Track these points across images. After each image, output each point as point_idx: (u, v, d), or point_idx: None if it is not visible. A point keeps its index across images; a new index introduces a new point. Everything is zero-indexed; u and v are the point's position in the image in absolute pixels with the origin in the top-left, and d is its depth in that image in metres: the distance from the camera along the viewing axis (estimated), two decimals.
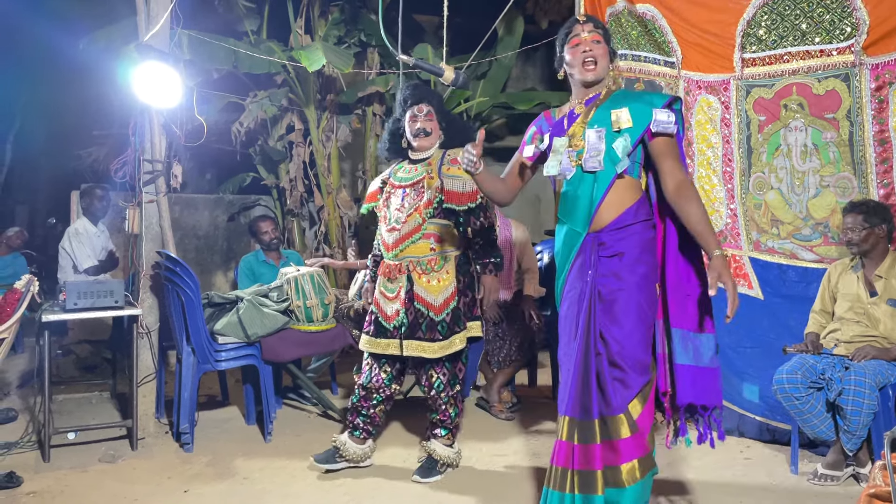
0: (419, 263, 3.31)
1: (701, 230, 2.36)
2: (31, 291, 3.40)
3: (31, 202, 10.56)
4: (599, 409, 2.35)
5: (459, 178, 3.31)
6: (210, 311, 4.12)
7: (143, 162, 4.15)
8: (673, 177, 2.43)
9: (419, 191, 3.34)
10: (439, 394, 3.36)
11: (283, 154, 6.96)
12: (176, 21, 4.20)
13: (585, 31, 2.49)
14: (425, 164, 3.40)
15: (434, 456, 3.40)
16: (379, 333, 3.36)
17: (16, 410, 4.42)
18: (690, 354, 2.45)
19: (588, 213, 2.46)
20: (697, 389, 2.44)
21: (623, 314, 2.39)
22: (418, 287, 3.29)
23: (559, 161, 2.49)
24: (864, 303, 3.35)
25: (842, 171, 3.57)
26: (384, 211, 3.43)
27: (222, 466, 3.61)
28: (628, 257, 2.42)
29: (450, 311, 3.30)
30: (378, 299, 3.40)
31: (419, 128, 3.35)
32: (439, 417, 3.41)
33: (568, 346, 2.48)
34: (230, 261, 7.62)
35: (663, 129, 2.42)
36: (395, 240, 3.33)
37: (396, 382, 3.46)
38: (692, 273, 2.51)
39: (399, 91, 3.48)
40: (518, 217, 5.40)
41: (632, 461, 2.35)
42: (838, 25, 3.48)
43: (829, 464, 3.27)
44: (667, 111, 2.43)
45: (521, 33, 7.40)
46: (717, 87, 3.91)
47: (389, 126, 3.50)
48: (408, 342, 3.29)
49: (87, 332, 5.39)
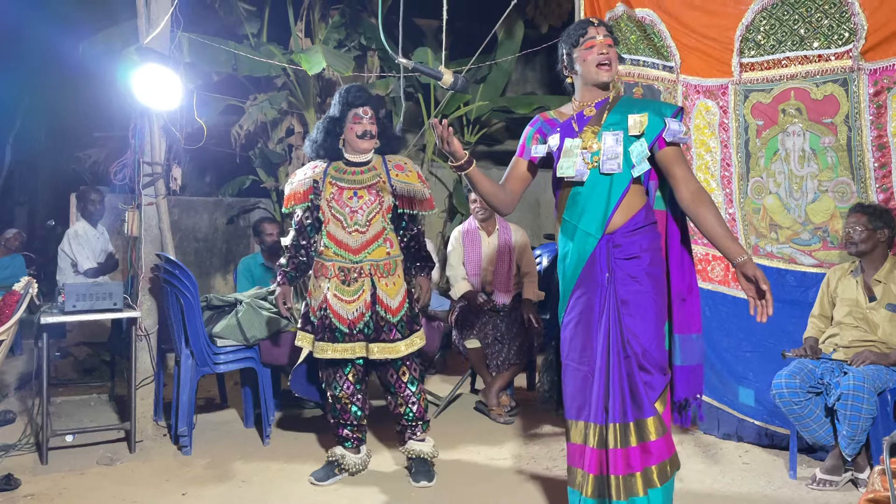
0: (378, 267, 3.32)
1: (721, 234, 2.40)
2: (31, 293, 3.40)
3: (30, 203, 10.57)
4: (633, 413, 2.40)
5: (412, 184, 3.40)
6: (209, 314, 4.12)
7: (143, 164, 4.15)
8: (688, 184, 2.47)
9: (376, 195, 3.33)
10: (411, 390, 3.38)
11: (283, 157, 6.97)
12: (176, 24, 4.21)
13: (600, 34, 2.51)
14: (370, 168, 3.39)
15: (423, 456, 3.42)
16: (336, 338, 3.30)
17: (14, 412, 4.42)
18: (687, 356, 2.57)
19: (604, 215, 2.47)
20: (690, 385, 2.58)
21: (643, 317, 2.43)
22: (380, 290, 3.30)
23: (574, 163, 2.49)
24: (863, 307, 3.36)
25: (840, 175, 3.57)
26: (333, 211, 3.33)
27: (221, 469, 3.61)
28: (644, 259, 2.46)
29: (405, 311, 3.34)
30: (331, 303, 3.30)
31: (366, 129, 3.34)
32: (414, 414, 3.41)
33: (583, 352, 2.48)
34: (229, 263, 7.62)
35: (677, 139, 2.47)
36: (361, 243, 3.30)
37: (364, 383, 3.45)
38: (686, 278, 2.59)
39: (339, 92, 3.43)
40: (517, 221, 5.41)
41: (663, 461, 2.42)
42: (836, 30, 3.49)
43: (828, 469, 3.27)
44: (678, 121, 2.48)
45: (521, 37, 7.43)
46: (715, 91, 3.91)
47: (324, 125, 3.41)
48: (373, 345, 3.30)
49: (85, 334, 5.39)
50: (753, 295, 2.34)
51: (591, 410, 2.44)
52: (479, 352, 4.50)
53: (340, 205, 3.33)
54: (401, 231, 3.44)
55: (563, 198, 2.59)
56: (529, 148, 2.65)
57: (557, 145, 2.56)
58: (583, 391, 2.47)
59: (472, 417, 4.50)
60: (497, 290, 4.60)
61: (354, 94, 3.37)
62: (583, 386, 2.47)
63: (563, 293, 2.58)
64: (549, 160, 2.62)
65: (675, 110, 2.52)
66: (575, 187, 2.53)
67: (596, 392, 2.44)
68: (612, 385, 2.41)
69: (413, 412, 3.41)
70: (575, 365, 2.50)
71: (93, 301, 3.70)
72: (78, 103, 8.34)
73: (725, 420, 3.90)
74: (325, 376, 3.43)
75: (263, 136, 7.03)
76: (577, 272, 2.52)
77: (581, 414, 2.48)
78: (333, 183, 3.36)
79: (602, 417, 2.42)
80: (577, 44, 2.54)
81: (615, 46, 2.55)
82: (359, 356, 3.33)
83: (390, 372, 3.37)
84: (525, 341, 4.47)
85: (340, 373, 3.38)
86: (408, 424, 3.44)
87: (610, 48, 2.52)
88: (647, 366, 2.42)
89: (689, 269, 2.60)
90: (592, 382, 2.44)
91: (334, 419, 3.46)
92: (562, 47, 2.61)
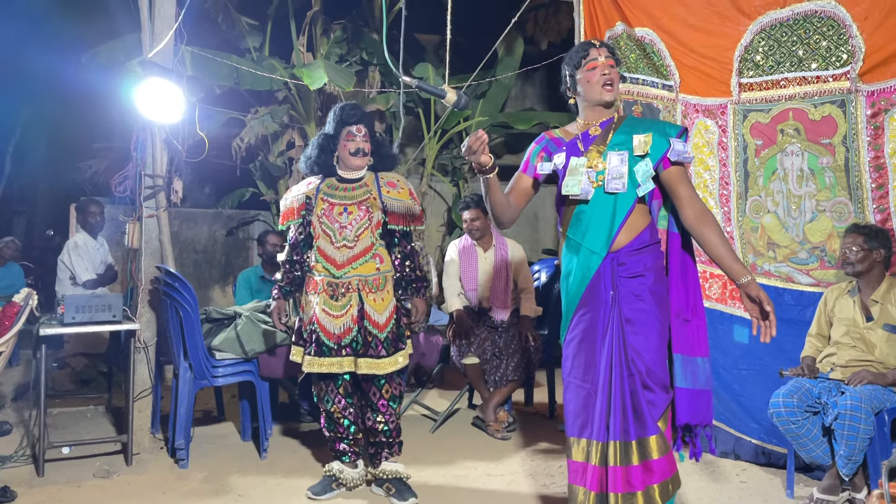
0: (366, 282, 3.32)
1: (725, 255, 2.42)
2: (31, 305, 3.40)
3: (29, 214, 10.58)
4: (636, 431, 2.40)
5: (402, 200, 3.42)
6: (208, 327, 4.12)
7: (145, 177, 4.17)
8: (692, 205, 2.49)
9: (366, 210, 3.35)
10: (392, 408, 3.39)
11: (283, 170, 7.00)
12: (179, 38, 4.24)
13: (602, 55, 2.55)
14: (361, 184, 3.41)
15: (399, 476, 3.41)
16: (324, 353, 3.32)
17: (10, 424, 4.41)
18: (689, 378, 2.53)
19: (609, 234, 2.48)
20: (693, 410, 2.52)
21: (647, 335, 2.44)
22: (367, 305, 3.31)
23: (579, 181, 2.52)
24: (860, 327, 3.37)
25: (838, 195, 3.60)
26: (323, 227, 3.35)
27: (217, 483, 3.60)
28: (648, 278, 2.48)
29: (391, 328, 3.34)
30: (319, 317, 3.32)
31: (359, 147, 3.36)
32: (391, 431, 3.40)
33: (587, 370, 2.49)
34: (228, 275, 7.63)
35: (682, 158, 2.50)
36: (347, 258, 3.31)
37: (355, 397, 3.44)
38: (690, 299, 2.57)
39: (334, 109, 3.46)
40: (515, 236, 5.43)
41: (665, 479, 2.41)
42: (835, 52, 3.52)
43: (825, 488, 3.27)
44: (682, 141, 2.51)
45: (521, 54, 7.48)
46: (714, 110, 3.95)
47: (319, 141, 3.44)
48: (361, 360, 3.30)
49: (83, 345, 5.38)
50: (757, 315, 2.35)
51: (594, 428, 2.44)
52: (476, 367, 4.51)
53: (330, 220, 3.34)
54: (394, 249, 3.44)
55: (568, 215, 2.60)
56: (534, 165, 2.67)
57: (563, 163, 2.58)
58: (586, 409, 2.48)
59: (470, 432, 4.49)
60: (495, 305, 4.60)
61: (349, 111, 3.40)
62: (585, 404, 2.48)
63: (567, 311, 2.58)
64: (552, 178, 2.65)
65: (679, 130, 2.55)
66: (579, 205, 2.55)
67: (599, 410, 2.44)
68: (614, 403, 2.41)
69: (390, 429, 3.40)
70: (578, 382, 2.51)
71: (92, 313, 3.71)
72: (78, 115, 8.37)
73: (723, 438, 3.90)
74: (317, 390, 3.44)
75: (264, 149, 7.06)
76: (580, 290, 2.52)
77: (584, 432, 2.48)
78: (325, 199, 3.39)
79: (604, 435, 2.43)
80: (579, 65, 2.57)
81: (617, 67, 2.58)
82: (346, 371, 3.33)
83: (373, 388, 3.37)
84: (523, 358, 4.47)
85: (332, 387, 3.39)
86: (385, 441, 3.42)
87: (612, 69, 2.55)
88: (650, 384, 2.42)
89: (693, 290, 2.59)
90: (595, 400, 2.45)
91: (330, 433, 3.46)
92: (565, 69, 2.64)
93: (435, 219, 8.07)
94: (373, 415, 3.38)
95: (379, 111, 6.88)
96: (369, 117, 3.53)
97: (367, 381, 3.36)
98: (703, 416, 2.54)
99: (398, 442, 3.47)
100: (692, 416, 2.52)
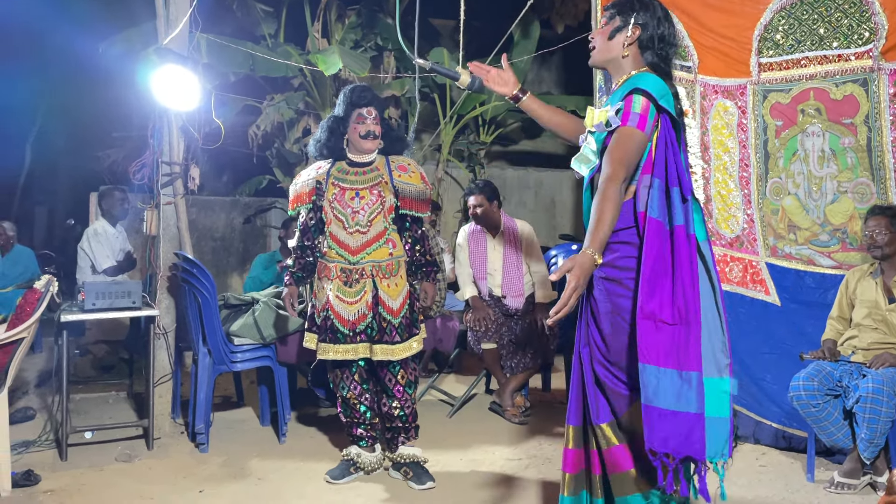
0: (380, 268, 3.31)
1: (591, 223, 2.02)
2: (51, 291, 3.44)
3: (50, 203, 10.70)
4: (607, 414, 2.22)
5: (414, 184, 3.38)
6: (226, 313, 4.15)
7: (162, 164, 4.19)
8: (601, 172, 2.11)
9: (378, 195, 3.32)
10: (408, 393, 3.38)
11: (299, 157, 7.01)
12: (195, 25, 4.24)
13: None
14: (372, 168, 3.37)
15: (416, 460, 3.42)
16: (338, 339, 3.31)
17: (34, 409, 4.47)
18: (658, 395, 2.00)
19: (585, 217, 2.20)
20: (668, 436, 1.98)
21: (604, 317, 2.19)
22: (381, 291, 3.30)
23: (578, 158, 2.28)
24: (883, 309, 3.33)
25: (860, 176, 3.54)
26: (335, 212, 3.33)
27: (237, 467, 3.63)
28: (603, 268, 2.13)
29: (405, 313, 3.33)
30: (333, 304, 3.31)
31: (370, 130, 3.32)
32: (407, 416, 3.40)
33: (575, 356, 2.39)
34: (246, 262, 7.68)
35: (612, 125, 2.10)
36: (361, 243, 3.30)
37: (371, 382, 3.44)
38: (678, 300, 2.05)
39: (343, 92, 3.41)
40: (532, 221, 5.40)
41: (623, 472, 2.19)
42: (856, 30, 3.46)
43: (846, 472, 3.24)
44: (620, 104, 2.10)
45: (538, 37, 7.43)
46: (733, 91, 3.89)
47: (329, 124, 3.40)
48: (377, 346, 3.30)
49: (104, 332, 5.45)
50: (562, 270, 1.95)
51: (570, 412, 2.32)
52: (493, 352, 4.50)
53: (342, 205, 3.32)
54: (405, 233, 3.42)
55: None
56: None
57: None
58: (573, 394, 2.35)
59: (487, 418, 4.50)
60: (509, 294, 4.55)
61: (359, 93, 3.36)
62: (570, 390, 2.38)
63: None
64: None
65: (627, 91, 2.11)
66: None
67: (572, 395, 2.32)
68: (588, 387, 2.26)
69: (406, 414, 3.40)
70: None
71: (112, 299, 3.74)
72: (97, 104, 8.44)
73: (742, 422, 3.87)
74: (333, 377, 3.45)
75: (280, 136, 7.07)
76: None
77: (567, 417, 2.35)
78: (336, 184, 3.35)
79: (576, 420, 2.30)
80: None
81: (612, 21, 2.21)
82: (361, 357, 3.33)
83: (388, 374, 3.37)
84: (540, 345, 4.45)
85: (347, 373, 3.40)
86: (401, 426, 3.42)
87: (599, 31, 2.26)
88: (610, 367, 2.18)
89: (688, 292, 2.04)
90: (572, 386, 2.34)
91: (346, 419, 3.47)
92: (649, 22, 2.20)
93: (451, 205, 8.06)
94: (389, 400, 3.39)
95: (394, 97, 6.86)
96: (380, 100, 3.50)
97: (382, 366, 3.36)
98: (680, 446, 1.97)
99: (415, 426, 3.47)
100: (664, 443, 1.97)
